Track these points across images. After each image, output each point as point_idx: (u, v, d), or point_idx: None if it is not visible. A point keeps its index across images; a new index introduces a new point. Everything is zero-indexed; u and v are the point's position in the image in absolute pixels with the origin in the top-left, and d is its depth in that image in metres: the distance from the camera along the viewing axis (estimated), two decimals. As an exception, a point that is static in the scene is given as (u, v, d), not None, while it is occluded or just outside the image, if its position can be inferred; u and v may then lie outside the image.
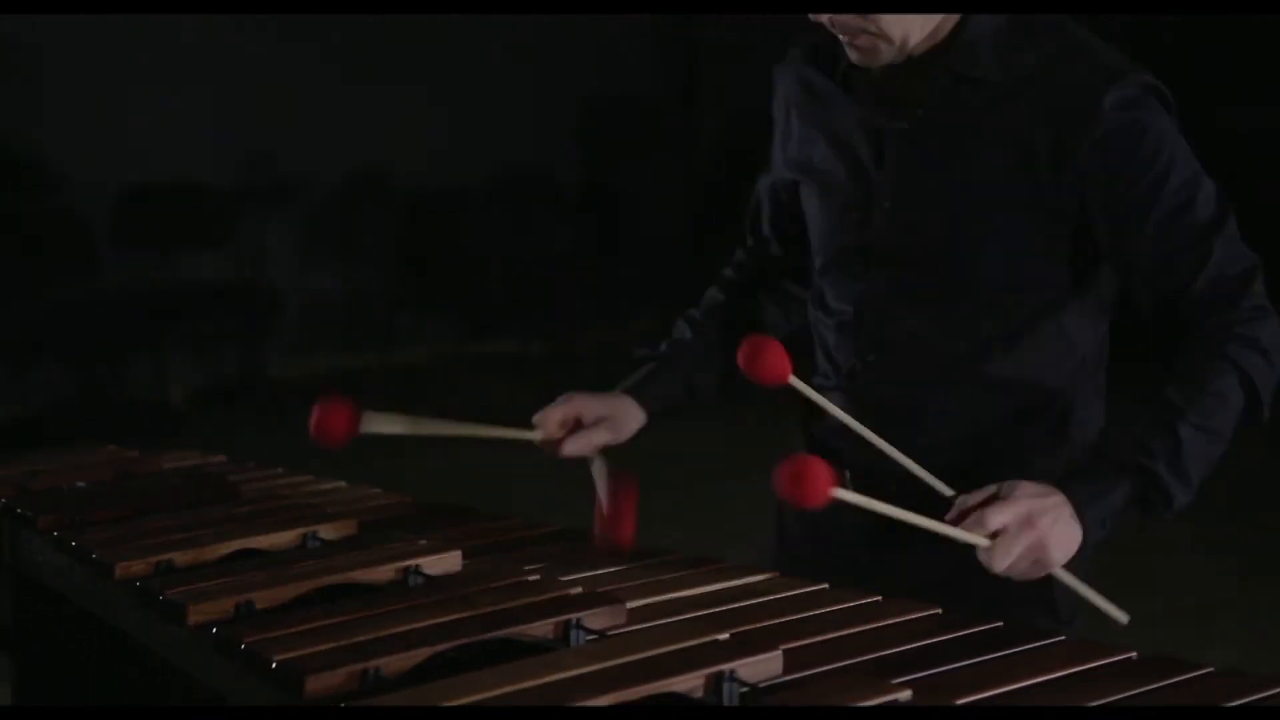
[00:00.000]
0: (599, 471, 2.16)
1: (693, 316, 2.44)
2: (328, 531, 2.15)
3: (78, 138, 7.75)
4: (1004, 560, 1.88)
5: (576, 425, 2.24)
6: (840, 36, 2.10)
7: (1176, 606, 5.03)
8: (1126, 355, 2.23)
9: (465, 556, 2.03)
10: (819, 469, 1.79)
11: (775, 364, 2.10)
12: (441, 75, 8.67)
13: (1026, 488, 1.91)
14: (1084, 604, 2.08)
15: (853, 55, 2.12)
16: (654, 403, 2.33)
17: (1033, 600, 2.06)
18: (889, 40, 2.07)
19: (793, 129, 2.30)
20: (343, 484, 2.58)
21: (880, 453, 2.12)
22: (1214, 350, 2.00)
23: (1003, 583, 1.94)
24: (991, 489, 1.91)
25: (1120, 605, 2.03)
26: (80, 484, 2.57)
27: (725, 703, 1.52)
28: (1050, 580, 2.03)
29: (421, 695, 1.49)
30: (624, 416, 2.29)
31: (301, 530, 2.14)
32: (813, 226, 2.28)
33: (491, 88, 8.83)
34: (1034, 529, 1.88)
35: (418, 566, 1.97)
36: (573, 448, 2.22)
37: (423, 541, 2.05)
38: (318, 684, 1.57)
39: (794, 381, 2.11)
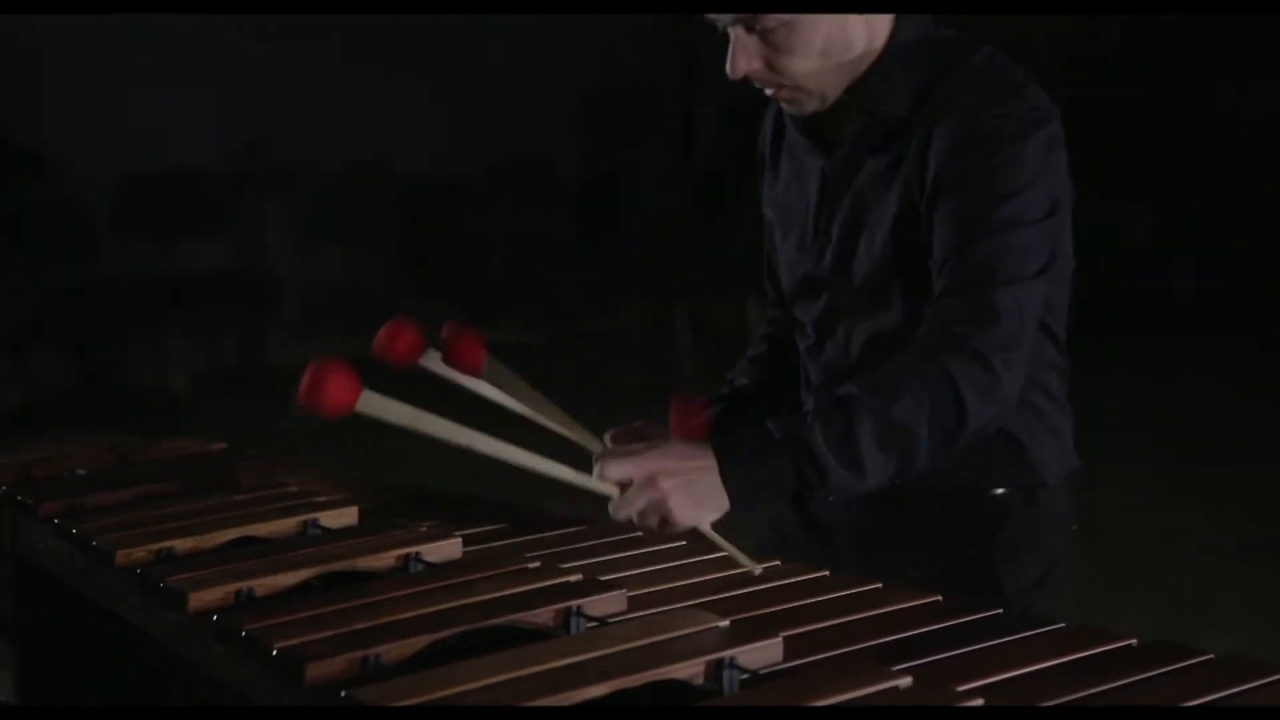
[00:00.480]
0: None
1: (743, 366, 2.50)
2: (328, 519, 2.15)
3: (78, 126, 7.74)
4: (622, 512, 1.94)
5: None
6: (767, 90, 2.19)
7: (1177, 593, 5.04)
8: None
9: (466, 544, 2.03)
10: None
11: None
12: (441, 65, 8.67)
13: (673, 447, 1.97)
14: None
15: (785, 107, 2.22)
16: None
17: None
18: (806, 92, 2.15)
19: (768, 169, 2.39)
20: (343, 471, 2.58)
21: None
22: (930, 345, 2.04)
23: (969, 585, 1.99)
24: (639, 445, 1.98)
25: (1121, 591, 2.06)
26: (81, 471, 2.58)
27: (725, 689, 1.52)
28: (1000, 583, 2.16)
29: (422, 682, 1.49)
30: None
31: (302, 518, 2.14)
32: (781, 260, 2.36)
33: (491, 77, 8.83)
34: (656, 488, 1.93)
35: (418, 554, 1.97)
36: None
37: (423, 529, 2.05)
38: (318, 671, 1.57)
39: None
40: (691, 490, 1.95)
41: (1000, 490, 2.23)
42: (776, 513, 2.41)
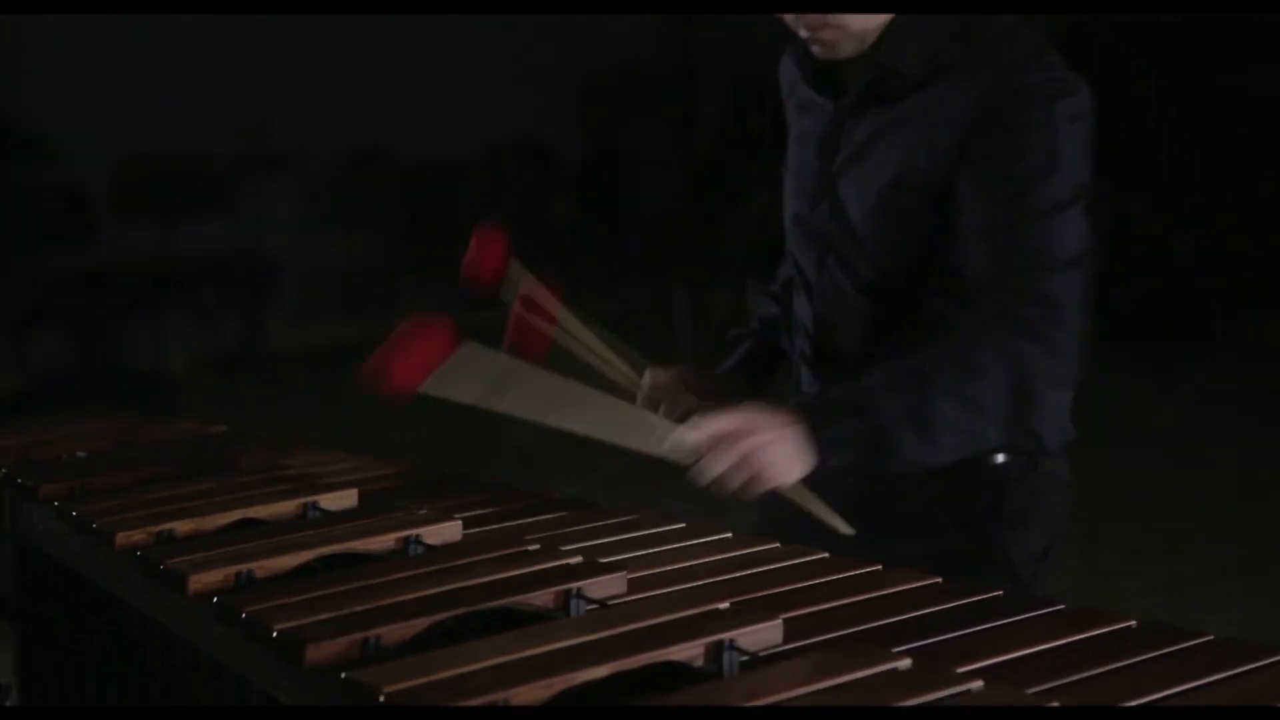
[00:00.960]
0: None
1: (773, 291, 2.50)
2: (328, 501, 2.15)
3: (78, 107, 7.74)
4: (709, 471, 1.95)
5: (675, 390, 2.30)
6: (802, 32, 2.18)
7: (1176, 575, 5.04)
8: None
9: (466, 526, 2.03)
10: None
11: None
12: (442, 45, 8.66)
13: (751, 410, 1.98)
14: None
15: (815, 50, 2.21)
16: (754, 380, 2.42)
17: (993, 572, 2.15)
18: (850, 35, 2.15)
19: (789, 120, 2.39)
20: (343, 454, 2.59)
21: None
22: (988, 326, 2.05)
23: (975, 559, 2.05)
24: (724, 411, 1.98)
25: (1121, 572, 2.07)
26: (81, 454, 2.58)
27: (725, 671, 1.52)
28: (1007, 553, 2.17)
29: (422, 664, 1.49)
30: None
31: (302, 500, 2.14)
32: (785, 207, 2.37)
33: (492, 61, 8.81)
34: (737, 447, 1.94)
35: (418, 536, 1.97)
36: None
37: (423, 511, 2.05)
38: (318, 653, 1.57)
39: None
40: (780, 446, 1.97)
41: (1001, 458, 2.23)
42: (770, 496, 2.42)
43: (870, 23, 2.14)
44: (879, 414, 2.00)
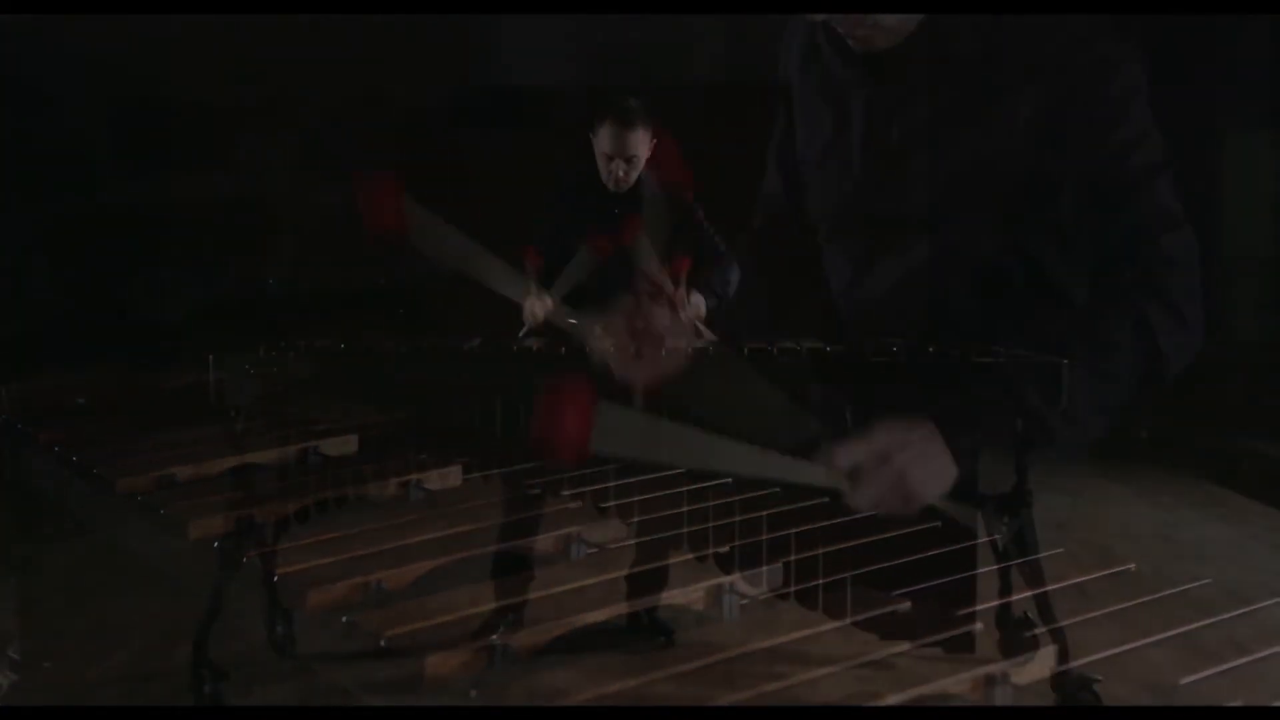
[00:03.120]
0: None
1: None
2: (328, 446, 2.15)
3: (75, 54, 7.70)
4: (863, 499, 1.84)
5: None
6: (839, 28, 2.14)
7: (1173, 521, 5.05)
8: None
9: (466, 471, 2.03)
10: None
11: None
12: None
13: (888, 424, 1.88)
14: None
15: (851, 43, 2.16)
16: None
17: None
18: (886, 30, 2.11)
19: (796, 104, 2.34)
20: (344, 400, 2.58)
21: None
22: (1117, 297, 2.01)
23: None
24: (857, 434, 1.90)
25: (1118, 522, 2.07)
26: (81, 400, 2.58)
27: (725, 615, 1.53)
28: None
29: (422, 608, 1.49)
30: None
31: (302, 445, 2.14)
32: (814, 194, 2.31)
33: (493, 6, 8.77)
34: (890, 465, 1.85)
35: (419, 481, 1.97)
36: None
37: (424, 457, 2.05)
38: (320, 597, 1.58)
39: None
40: (925, 461, 1.87)
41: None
42: None
43: (908, 19, 2.09)
44: (1023, 403, 1.92)
